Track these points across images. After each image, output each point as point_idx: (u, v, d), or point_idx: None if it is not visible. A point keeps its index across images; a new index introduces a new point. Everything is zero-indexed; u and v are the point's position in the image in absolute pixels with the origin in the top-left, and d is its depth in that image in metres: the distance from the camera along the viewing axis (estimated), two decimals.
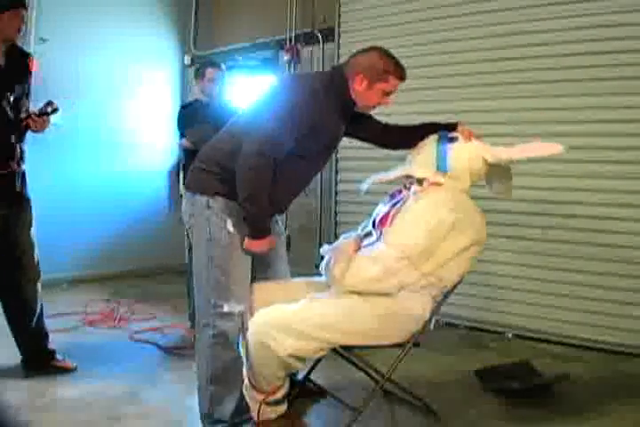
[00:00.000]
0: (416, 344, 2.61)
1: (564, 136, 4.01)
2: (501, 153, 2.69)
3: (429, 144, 2.71)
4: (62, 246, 3.39)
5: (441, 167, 2.62)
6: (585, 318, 3.96)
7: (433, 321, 2.68)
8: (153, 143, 5.99)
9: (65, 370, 3.26)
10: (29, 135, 3.12)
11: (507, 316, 4.26)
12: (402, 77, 2.61)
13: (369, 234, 2.68)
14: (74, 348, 3.59)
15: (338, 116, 2.56)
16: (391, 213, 2.59)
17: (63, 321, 4.12)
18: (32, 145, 3.10)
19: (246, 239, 2.49)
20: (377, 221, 2.67)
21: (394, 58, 2.59)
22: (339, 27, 5.11)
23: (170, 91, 6.23)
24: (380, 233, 2.58)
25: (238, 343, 2.50)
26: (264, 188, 2.41)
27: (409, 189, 2.65)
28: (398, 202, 2.63)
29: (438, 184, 2.59)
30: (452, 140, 2.69)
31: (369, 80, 2.52)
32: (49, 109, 3.03)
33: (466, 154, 2.67)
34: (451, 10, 4.47)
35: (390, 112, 2.92)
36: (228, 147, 2.49)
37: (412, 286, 2.50)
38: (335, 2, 5.14)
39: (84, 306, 4.59)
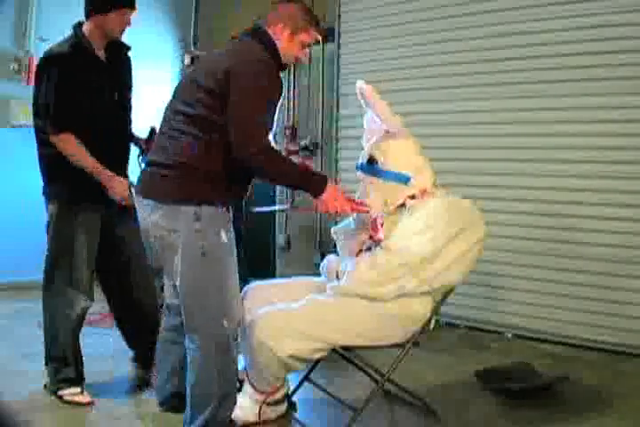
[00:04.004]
0: (416, 344, 2.62)
1: (564, 136, 4.03)
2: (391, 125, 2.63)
3: (373, 183, 2.64)
4: None
5: (403, 181, 2.59)
6: (585, 318, 3.95)
7: (433, 321, 2.69)
8: None
9: None
10: None
11: (507, 316, 4.27)
12: (321, 32, 2.58)
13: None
14: None
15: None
16: (378, 217, 2.60)
17: None
18: (32, 145, 3.07)
19: (319, 201, 2.41)
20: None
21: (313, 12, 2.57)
22: (339, 27, 5.10)
23: (170, 91, 6.21)
24: (378, 242, 2.58)
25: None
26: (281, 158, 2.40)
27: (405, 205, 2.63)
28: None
29: (425, 191, 2.60)
30: (372, 161, 2.64)
31: (291, 30, 2.45)
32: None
33: (395, 152, 2.62)
34: (451, 10, 4.47)
35: None
36: (192, 147, 2.32)
37: (412, 293, 2.51)
38: (335, 2, 5.14)
39: None
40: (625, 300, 3.81)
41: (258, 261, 5.18)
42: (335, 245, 2.87)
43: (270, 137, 2.37)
